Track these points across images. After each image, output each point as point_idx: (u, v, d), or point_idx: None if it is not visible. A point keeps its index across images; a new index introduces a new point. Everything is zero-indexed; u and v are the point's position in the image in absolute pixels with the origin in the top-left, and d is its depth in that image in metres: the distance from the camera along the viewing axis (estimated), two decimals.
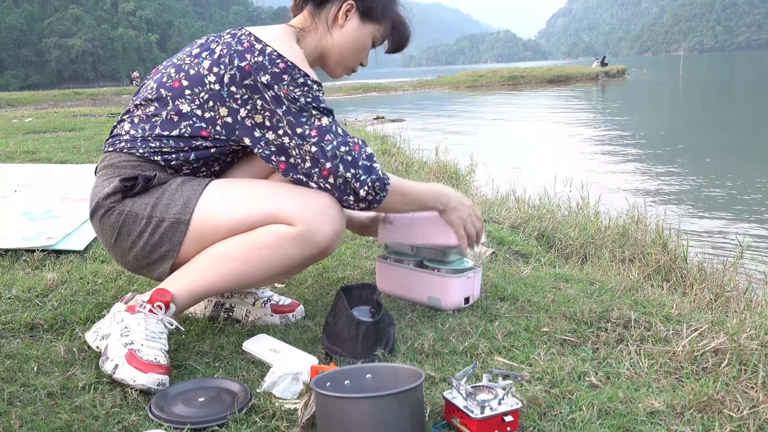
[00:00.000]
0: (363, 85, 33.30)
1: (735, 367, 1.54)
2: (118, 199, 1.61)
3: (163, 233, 1.59)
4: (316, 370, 1.43)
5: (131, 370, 1.43)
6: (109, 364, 1.47)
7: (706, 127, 12.81)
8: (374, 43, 1.80)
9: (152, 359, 1.46)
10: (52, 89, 38.15)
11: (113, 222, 1.62)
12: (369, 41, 1.77)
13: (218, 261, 1.59)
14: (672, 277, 3.05)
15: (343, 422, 1.16)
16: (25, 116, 12.49)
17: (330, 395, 1.20)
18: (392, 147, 7.17)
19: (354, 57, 1.79)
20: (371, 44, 1.79)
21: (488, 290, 2.13)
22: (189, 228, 1.59)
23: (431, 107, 20.62)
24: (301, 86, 1.58)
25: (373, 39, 1.78)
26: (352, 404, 1.18)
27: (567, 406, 1.37)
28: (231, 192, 1.63)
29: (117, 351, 1.48)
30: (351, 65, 1.81)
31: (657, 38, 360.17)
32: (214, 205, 1.60)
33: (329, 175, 1.59)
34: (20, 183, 3.88)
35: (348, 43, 1.75)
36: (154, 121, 1.63)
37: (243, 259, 1.58)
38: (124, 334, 1.51)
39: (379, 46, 1.85)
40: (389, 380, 1.33)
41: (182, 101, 1.61)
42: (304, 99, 1.58)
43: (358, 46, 1.77)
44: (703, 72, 46.24)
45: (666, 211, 4.94)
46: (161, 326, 1.56)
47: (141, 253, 1.63)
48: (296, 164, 1.61)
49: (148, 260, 1.64)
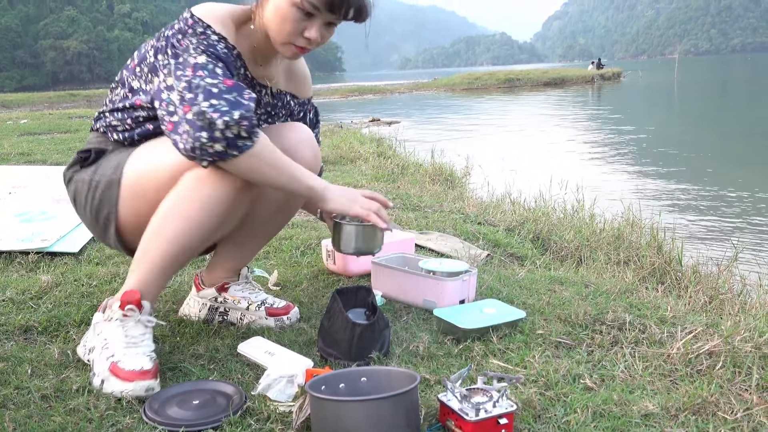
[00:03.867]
0: (359, 87, 33.35)
1: (729, 369, 1.55)
2: (77, 170, 1.72)
3: (101, 195, 1.64)
4: (311, 373, 1.43)
5: (117, 383, 1.44)
6: (96, 379, 1.48)
7: (701, 130, 12.86)
8: (306, 9, 1.53)
9: (135, 367, 1.45)
10: (47, 91, 38.09)
11: (71, 191, 1.73)
12: (290, 9, 1.54)
13: (157, 233, 1.55)
14: (667, 279, 3.06)
15: (338, 425, 1.16)
16: (20, 118, 12.44)
17: (325, 398, 1.20)
18: (388, 149, 7.18)
19: (282, 30, 1.57)
20: (301, 12, 1.54)
21: (483, 293, 2.14)
22: (121, 186, 1.61)
23: (427, 109, 20.64)
24: (199, 35, 1.54)
25: (300, 4, 1.53)
26: (347, 407, 1.18)
27: (562, 409, 1.37)
28: (157, 147, 1.62)
29: (101, 365, 1.49)
30: (286, 40, 1.59)
31: (652, 41, 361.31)
32: (141, 161, 1.62)
33: (189, 110, 1.43)
34: (15, 185, 3.87)
35: (271, 16, 1.58)
36: (113, 98, 1.71)
37: (178, 216, 1.53)
38: (104, 347, 1.51)
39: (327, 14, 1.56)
40: (384, 383, 1.33)
41: (133, 78, 1.66)
42: (196, 42, 1.53)
43: (280, 17, 1.56)
44: (699, 75, 46.42)
45: (661, 213, 4.95)
46: (140, 327, 1.54)
47: (91, 218, 1.70)
48: (172, 114, 1.50)
49: (98, 226, 1.70)
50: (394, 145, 7.78)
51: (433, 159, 6.54)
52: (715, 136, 11.81)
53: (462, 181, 5.84)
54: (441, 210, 3.69)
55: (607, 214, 4.26)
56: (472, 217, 3.58)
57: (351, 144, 6.96)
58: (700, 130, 13.05)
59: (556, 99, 23.43)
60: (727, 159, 9.03)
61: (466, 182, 5.90)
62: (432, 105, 22.84)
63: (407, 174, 5.49)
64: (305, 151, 1.73)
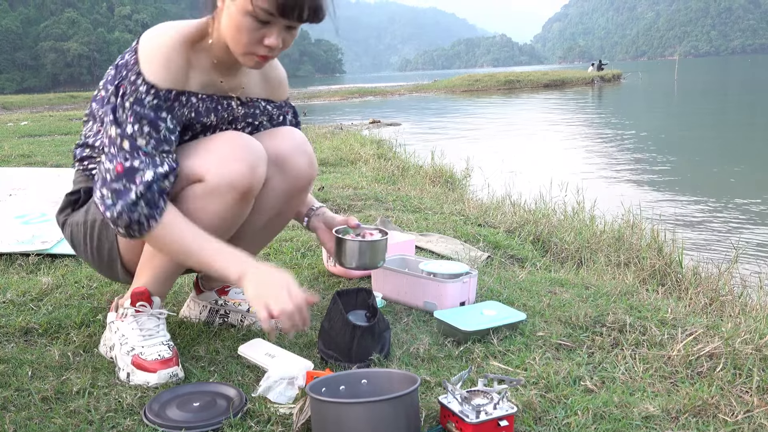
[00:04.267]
0: (359, 89, 33.36)
1: (730, 371, 1.55)
2: (68, 213, 1.70)
3: (99, 233, 1.63)
4: (312, 375, 1.43)
5: (142, 374, 1.51)
6: (122, 373, 1.54)
7: (702, 132, 12.85)
8: (259, 16, 1.41)
9: (156, 357, 1.52)
10: (47, 93, 38.10)
11: (68, 235, 1.71)
12: (244, 18, 1.42)
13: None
14: (667, 281, 3.05)
15: (339, 427, 1.16)
16: (21, 120, 12.46)
17: (326, 400, 1.20)
18: (388, 151, 7.18)
19: (240, 41, 1.46)
20: (256, 20, 1.42)
21: (484, 295, 2.13)
22: None
23: (427, 111, 20.65)
24: (132, 84, 1.46)
25: (253, 12, 1.41)
26: (348, 409, 1.18)
27: (562, 411, 1.37)
28: None
29: (124, 359, 1.55)
30: (246, 50, 1.48)
31: (652, 43, 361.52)
32: None
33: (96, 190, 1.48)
34: (15, 186, 3.87)
35: (227, 28, 1.47)
36: (87, 133, 1.68)
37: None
38: (123, 343, 1.58)
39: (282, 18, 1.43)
40: (385, 386, 1.33)
41: (99, 110, 1.61)
42: (128, 98, 1.46)
43: (235, 28, 1.45)
44: (699, 76, 46.43)
45: (661, 215, 4.95)
46: (154, 320, 1.61)
47: (94, 258, 1.68)
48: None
49: (103, 265, 1.69)
50: (395, 146, 7.78)
51: (433, 161, 6.54)
52: (715, 137, 11.81)
53: (462, 183, 5.84)
54: (441, 212, 3.69)
55: (608, 216, 4.26)
56: (472, 219, 3.58)
57: (351, 146, 6.96)
58: (701, 131, 13.05)
59: (556, 101, 23.44)
60: (729, 161, 9.02)
61: (467, 184, 5.91)
62: (432, 107, 22.84)
63: (407, 176, 5.50)
64: (300, 159, 1.69)
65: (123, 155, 1.44)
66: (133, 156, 1.44)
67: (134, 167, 1.43)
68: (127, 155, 1.44)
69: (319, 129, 10.69)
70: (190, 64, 1.54)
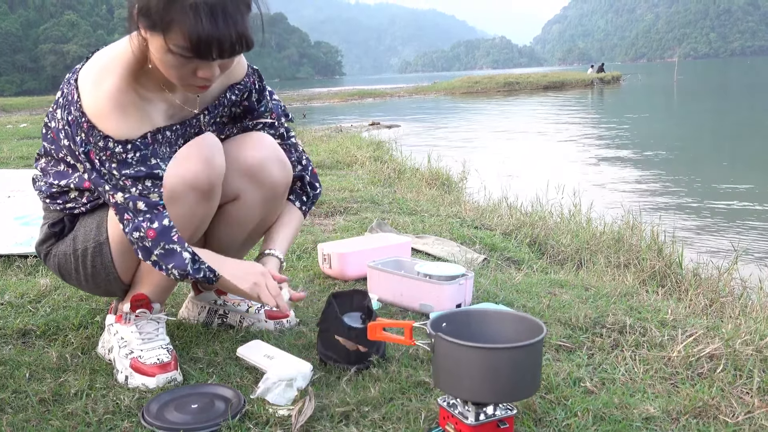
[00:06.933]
0: (359, 91, 33.35)
1: (730, 372, 1.54)
2: (52, 243, 1.64)
3: (92, 261, 1.58)
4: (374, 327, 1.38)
5: (140, 378, 1.51)
6: (120, 376, 1.55)
7: (701, 133, 12.86)
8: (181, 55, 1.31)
9: (155, 361, 1.53)
10: (47, 95, 38.05)
11: (53, 266, 1.66)
12: (168, 56, 1.32)
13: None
14: (667, 282, 3.05)
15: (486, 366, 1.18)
16: (20, 122, 12.46)
17: (472, 346, 1.19)
18: (385, 153, 7.17)
19: (172, 76, 1.38)
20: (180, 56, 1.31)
21: (480, 297, 2.13)
22: (111, 245, 1.55)
23: (427, 113, 20.65)
24: (104, 150, 1.39)
25: (174, 51, 1.31)
26: (498, 354, 1.20)
27: (562, 412, 1.36)
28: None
29: (122, 362, 1.56)
30: (182, 83, 1.40)
31: (652, 45, 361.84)
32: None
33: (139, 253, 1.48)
34: (14, 188, 3.86)
35: (158, 63, 1.37)
36: (47, 169, 1.62)
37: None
38: (122, 346, 1.58)
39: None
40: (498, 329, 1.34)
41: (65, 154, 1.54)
42: (108, 165, 1.40)
43: (165, 64, 1.35)
44: (698, 78, 46.47)
45: (661, 216, 4.95)
46: (153, 324, 1.62)
47: (89, 284, 1.64)
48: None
49: (99, 288, 1.65)
50: (392, 149, 7.77)
51: (430, 164, 6.54)
52: (715, 139, 11.82)
53: (459, 186, 5.83)
54: (438, 214, 3.68)
55: (607, 218, 4.26)
56: (468, 221, 3.58)
57: (348, 148, 6.95)
58: (701, 132, 13.06)
59: (555, 102, 23.45)
60: (728, 162, 9.03)
61: (463, 186, 5.89)
62: (432, 108, 22.85)
63: (404, 178, 5.49)
64: (273, 167, 1.66)
65: (145, 218, 1.43)
66: (154, 214, 1.43)
67: (165, 226, 1.44)
68: (150, 216, 1.43)
69: (316, 132, 10.68)
70: (144, 100, 1.45)
